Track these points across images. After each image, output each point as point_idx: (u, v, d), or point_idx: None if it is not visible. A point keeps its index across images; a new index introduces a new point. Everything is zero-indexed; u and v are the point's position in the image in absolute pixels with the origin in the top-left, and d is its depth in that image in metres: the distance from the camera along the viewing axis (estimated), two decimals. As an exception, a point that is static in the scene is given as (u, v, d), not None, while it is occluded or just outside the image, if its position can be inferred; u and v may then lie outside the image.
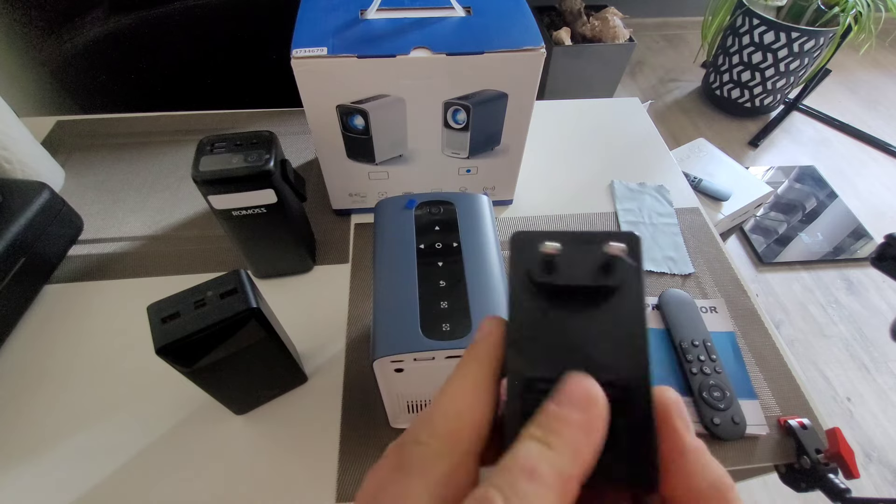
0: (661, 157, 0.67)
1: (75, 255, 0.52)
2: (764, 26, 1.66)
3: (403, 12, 0.45)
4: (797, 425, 0.42)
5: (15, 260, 0.45)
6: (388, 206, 0.36)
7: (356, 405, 0.43)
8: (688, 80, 2.16)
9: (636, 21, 2.17)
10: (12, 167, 0.52)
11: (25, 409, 0.42)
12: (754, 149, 1.86)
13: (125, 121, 0.67)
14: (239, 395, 0.40)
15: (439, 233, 0.34)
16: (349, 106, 0.44)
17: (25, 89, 0.82)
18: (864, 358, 1.30)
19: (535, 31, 0.43)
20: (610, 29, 1.69)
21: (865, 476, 1.10)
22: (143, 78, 0.83)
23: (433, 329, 0.29)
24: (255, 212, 0.42)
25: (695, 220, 0.60)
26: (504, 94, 0.45)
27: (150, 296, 0.32)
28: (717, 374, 0.43)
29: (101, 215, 0.56)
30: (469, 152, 0.51)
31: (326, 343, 0.47)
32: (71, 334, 0.46)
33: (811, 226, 1.58)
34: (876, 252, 0.50)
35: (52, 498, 0.37)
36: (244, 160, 0.39)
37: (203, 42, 0.83)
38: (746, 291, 0.52)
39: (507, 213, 0.59)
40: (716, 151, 1.31)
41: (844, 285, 1.45)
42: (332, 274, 0.52)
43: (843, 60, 2.24)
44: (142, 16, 0.76)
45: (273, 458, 0.40)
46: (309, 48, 0.41)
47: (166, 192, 0.59)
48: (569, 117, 0.72)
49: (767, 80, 1.79)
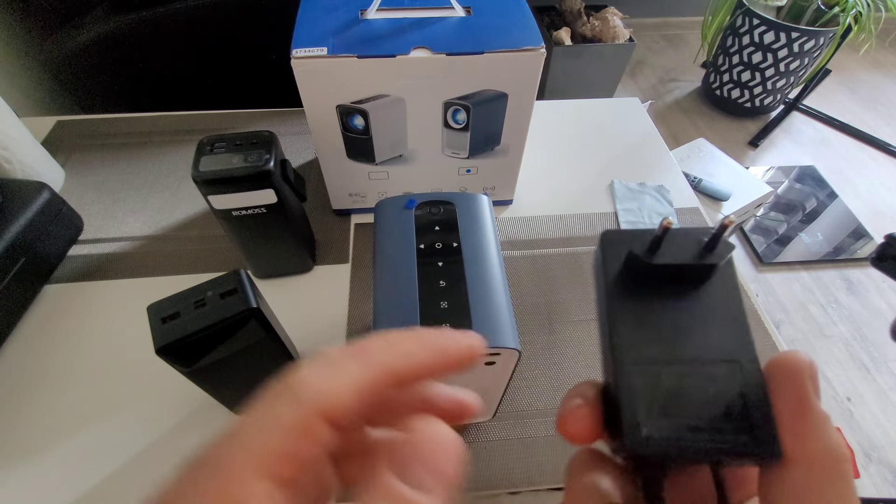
0: (661, 157, 0.67)
1: (75, 255, 0.52)
2: (764, 26, 1.67)
3: (403, 12, 0.45)
4: (797, 425, 0.41)
5: (15, 260, 0.45)
6: (388, 206, 0.36)
7: (356, 405, 0.43)
8: (688, 80, 2.16)
9: (636, 21, 2.17)
10: (12, 167, 0.52)
11: (25, 409, 0.42)
12: (754, 149, 1.86)
13: (125, 121, 0.67)
14: (239, 396, 0.40)
15: (439, 233, 0.34)
16: (349, 106, 0.44)
17: (25, 89, 0.82)
18: (864, 358, 1.30)
19: (535, 31, 0.43)
20: (610, 29, 1.70)
21: (865, 476, 1.10)
22: (142, 78, 0.83)
23: (433, 329, 0.29)
24: (255, 212, 0.42)
25: (695, 221, 0.60)
26: (504, 94, 0.45)
27: (150, 296, 0.32)
28: (717, 374, 0.43)
29: (101, 215, 0.56)
30: (469, 152, 0.51)
31: (326, 343, 0.47)
32: (71, 334, 0.46)
33: (811, 226, 1.58)
34: (876, 252, 0.50)
35: (51, 498, 0.37)
36: (244, 160, 0.39)
37: (203, 42, 0.83)
38: (746, 291, 0.52)
39: (507, 213, 0.59)
40: (716, 151, 1.31)
41: (844, 285, 1.45)
42: (332, 274, 0.52)
43: (843, 60, 2.24)
44: (142, 16, 0.76)
45: (273, 458, 0.40)
46: (309, 48, 0.41)
47: (166, 192, 0.59)
48: (569, 117, 0.72)
49: (767, 80, 1.79)
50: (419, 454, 0.11)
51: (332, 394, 0.12)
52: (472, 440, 0.42)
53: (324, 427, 0.11)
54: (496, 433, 0.42)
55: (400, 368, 0.12)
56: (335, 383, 0.12)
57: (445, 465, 0.11)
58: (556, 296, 0.52)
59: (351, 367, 0.12)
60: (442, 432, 0.11)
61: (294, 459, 0.11)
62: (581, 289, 0.52)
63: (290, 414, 0.11)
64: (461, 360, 0.14)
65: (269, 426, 0.11)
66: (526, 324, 0.49)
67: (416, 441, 0.11)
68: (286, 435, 0.11)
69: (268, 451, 0.11)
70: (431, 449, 0.11)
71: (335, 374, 0.12)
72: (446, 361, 0.13)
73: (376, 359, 0.12)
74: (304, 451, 0.11)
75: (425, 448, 0.11)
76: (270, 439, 0.11)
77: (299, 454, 0.11)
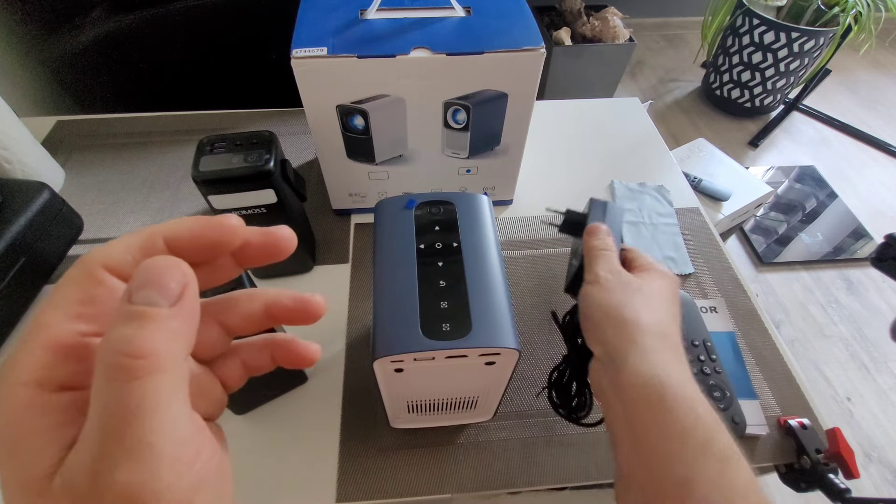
0: (661, 157, 0.67)
1: (75, 255, 0.52)
2: (764, 26, 1.66)
3: (403, 12, 0.45)
4: (797, 425, 0.42)
5: (15, 260, 0.45)
6: (388, 206, 0.36)
7: (356, 405, 0.43)
8: (688, 80, 2.16)
9: (636, 21, 2.16)
10: (12, 167, 0.52)
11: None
12: (754, 149, 1.86)
13: (125, 121, 0.67)
14: (239, 395, 0.40)
15: (439, 233, 0.34)
16: (349, 106, 0.44)
17: (25, 89, 0.82)
18: (864, 358, 1.30)
19: (535, 31, 0.43)
20: (610, 29, 1.69)
21: (865, 476, 1.10)
22: (142, 78, 0.83)
23: (433, 329, 0.29)
24: (255, 212, 0.42)
25: (695, 220, 0.60)
26: (504, 94, 0.45)
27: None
28: (717, 374, 0.43)
29: (101, 215, 0.56)
30: (469, 152, 0.51)
31: (326, 343, 0.47)
32: (71, 334, 0.46)
33: (811, 226, 1.58)
34: (876, 252, 0.50)
35: (52, 498, 0.37)
36: (244, 160, 0.39)
37: (203, 42, 0.83)
38: (746, 291, 0.52)
39: (507, 213, 0.59)
40: (716, 151, 1.31)
41: (844, 285, 1.45)
42: (332, 274, 0.52)
43: (843, 60, 2.24)
44: (142, 16, 0.76)
45: (273, 458, 0.40)
46: (309, 48, 0.41)
47: (166, 191, 0.59)
48: (569, 117, 0.72)
49: (767, 80, 1.79)
50: (143, 278, 0.13)
51: (108, 251, 0.14)
52: (473, 440, 0.42)
53: (106, 274, 0.14)
54: (496, 433, 0.42)
55: (169, 232, 0.15)
56: (111, 246, 0.15)
57: (167, 281, 0.13)
58: (556, 296, 0.52)
59: (126, 237, 0.15)
60: (160, 258, 0.13)
61: (88, 301, 0.14)
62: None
63: (79, 270, 0.14)
64: (248, 238, 0.16)
65: (66, 282, 0.14)
66: (526, 324, 0.49)
67: (140, 271, 0.13)
68: (77, 284, 0.14)
69: (67, 298, 0.14)
70: (152, 271, 0.13)
71: (114, 242, 0.15)
72: (219, 230, 0.16)
73: (150, 229, 0.15)
74: (95, 293, 0.14)
75: (147, 272, 0.13)
76: (67, 290, 0.14)
77: (91, 296, 0.14)
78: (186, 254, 0.15)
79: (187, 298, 0.13)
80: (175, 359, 0.13)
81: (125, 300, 0.13)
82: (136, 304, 0.12)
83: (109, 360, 0.12)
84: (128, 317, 0.12)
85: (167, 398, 0.12)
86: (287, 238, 0.17)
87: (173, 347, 0.13)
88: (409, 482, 0.39)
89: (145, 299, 0.13)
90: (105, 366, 0.12)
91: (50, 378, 0.13)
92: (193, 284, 0.14)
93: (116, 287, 0.14)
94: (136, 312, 0.12)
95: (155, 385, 0.12)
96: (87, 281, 0.14)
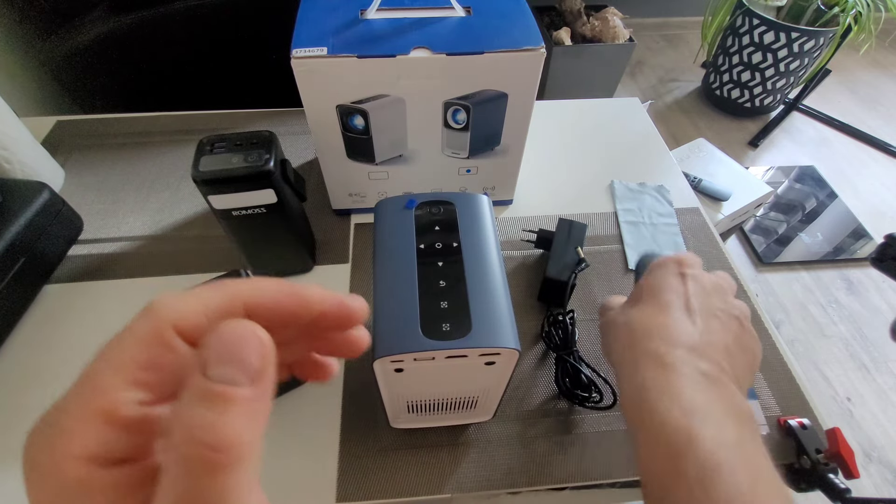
0: (661, 157, 0.67)
1: (75, 255, 0.52)
2: (764, 26, 1.67)
3: (403, 12, 0.45)
4: (797, 425, 0.42)
5: (15, 260, 0.45)
6: (388, 206, 0.36)
7: (356, 405, 0.43)
8: (688, 80, 2.16)
9: (636, 21, 2.16)
10: (12, 167, 0.52)
11: (25, 409, 0.42)
12: (754, 149, 1.86)
13: (125, 121, 0.67)
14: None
15: (439, 233, 0.34)
16: (349, 106, 0.44)
17: (25, 89, 0.82)
18: (864, 358, 1.30)
19: (535, 31, 0.43)
20: (610, 29, 1.69)
21: (865, 476, 1.10)
22: (143, 78, 0.83)
23: (433, 329, 0.29)
24: (255, 212, 0.42)
25: (695, 220, 0.60)
26: (504, 94, 0.45)
27: (150, 296, 0.32)
28: (717, 374, 0.43)
29: (101, 215, 0.56)
30: (469, 152, 0.51)
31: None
32: (71, 334, 0.46)
33: (811, 226, 1.58)
34: (876, 252, 0.50)
35: (52, 498, 0.37)
36: (244, 160, 0.39)
37: (203, 42, 0.83)
38: (746, 291, 0.52)
39: (507, 213, 0.59)
40: (716, 151, 1.31)
41: (844, 285, 1.45)
42: (332, 274, 0.52)
43: (843, 60, 2.24)
44: (142, 16, 0.76)
45: (273, 459, 0.40)
46: (309, 48, 0.41)
47: (166, 191, 0.59)
48: (569, 117, 0.72)
49: (767, 80, 1.79)
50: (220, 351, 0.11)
51: (182, 308, 0.13)
52: (473, 440, 0.42)
53: (175, 337, 0.13)
54: (496, 433, 0.42)
55: (250, 298, 0.14)
56: (186, 302, 0.13)
57: (248, 356, 0.12)
58: (556, 296, 0.52)
59: (202, 293, 0.14)
60: (240, 326, 0.12)
61: (152, 366, 0.12)
62: (581, 289, 0.52)
63: (146, 327, 0.13)
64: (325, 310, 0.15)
65: (128, 340, 0.12)
66: (526, 323, 0.49)
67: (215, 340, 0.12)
68: (142, 345, 0.12)
69: (127, 360, 0.12)
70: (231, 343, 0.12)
71: (188, 296, 0.13)
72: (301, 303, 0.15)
73: (230, 289, 0.14)
74: (161, 359, 0.12)
75: (225, 344, 0.12)
76: (129, 350, 0.12)
77: (157, 361, 0.12)
78: (262, 320, 0.13)
79: (268, 373, 0.12)
80: (255, 445, 0.11)
81: (199, 373, 0.11)
82: (213, 382, 0.11)
83: (188, 451, 0.11)
84: (205, 397, 0.11)
85: (248, 489, 0.11)
86: (361, 309, 0.16)
87: (256, 433, 0.11)
88: (409, 482, 0.39)
89: (224, 377, 0.11)
90: (183, 457, 0.11)
91: (105, 453, 0.12)
92: (272, 356, 0.12)
93: (186, 353, 0.13)
94: (216, 393, 0.11)
95: (237, 478, 0.11)
96: (155, 343, 0.12)
